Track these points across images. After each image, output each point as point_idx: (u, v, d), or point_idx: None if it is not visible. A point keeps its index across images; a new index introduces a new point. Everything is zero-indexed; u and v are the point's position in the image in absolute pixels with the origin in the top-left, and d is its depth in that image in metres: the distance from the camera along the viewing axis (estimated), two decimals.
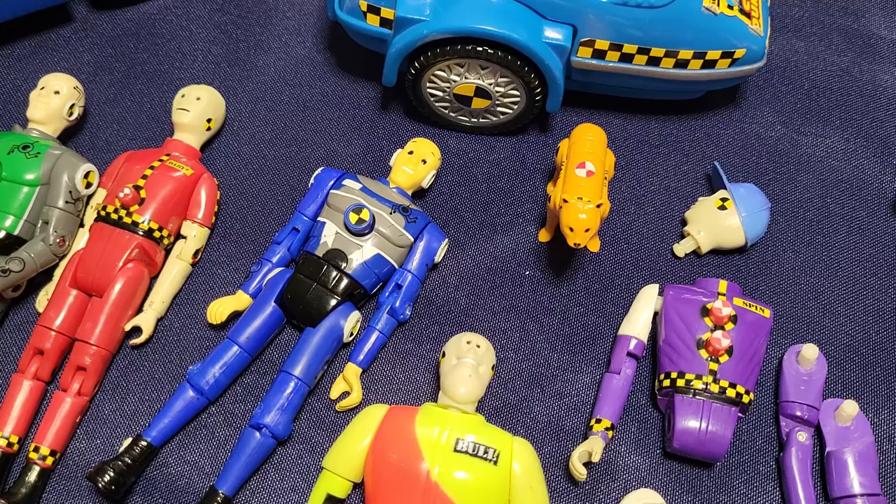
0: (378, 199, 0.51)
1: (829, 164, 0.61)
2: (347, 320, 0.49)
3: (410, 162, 0.53)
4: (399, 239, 0.51)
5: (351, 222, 0.49)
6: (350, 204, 0.50)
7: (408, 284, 0.51)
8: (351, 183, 0.52)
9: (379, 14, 0.55)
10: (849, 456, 0.48)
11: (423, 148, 0.54)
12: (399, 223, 0.51)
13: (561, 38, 0.54)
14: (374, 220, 0.50)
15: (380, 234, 0.50)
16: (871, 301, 0.56)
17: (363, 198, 0.51)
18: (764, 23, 0.57)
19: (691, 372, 0.48)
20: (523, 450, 0.45)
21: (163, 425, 0.47)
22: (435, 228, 0.52)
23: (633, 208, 0.58)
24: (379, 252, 0.50)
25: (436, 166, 0.54)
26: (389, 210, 0.51)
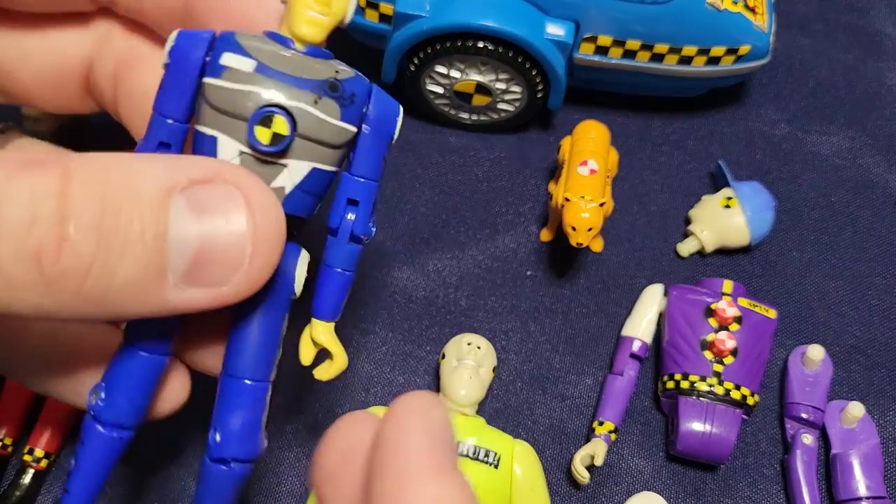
0: (290, 83, 0.29)
1: (834, 163, 0.61)
2: (298, 266, 0.33)
3: (322, 1, 0.30)
4: (339, 136, 0.31)
5: (262, 143, 0.29)
6: (251, 109, 0.29)
7: (365, 195, 0.33)
8: (236, 61, 0.29)
9: (378, 9, 0.55)
10: (854, 458, 0.48)
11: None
12: (332, 112, 0.30)
13: (563, 34, 0.54)
14: (294, 125, 0.29)
15: (309, 140, 0.30)
16: (877, 301, 0.55)
17: (265, 86, 0.29)
18: (769, 19, 0.57)
19: (695, 373, 0.48)
20: (525, 453, 0.45)
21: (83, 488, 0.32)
22: (381, 97, 0.32)
23: (636, 207, 0.58)
24: (315, 166, 0.31)
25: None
26: (313, 97, 0.30)
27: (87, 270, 0.23)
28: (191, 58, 0.30)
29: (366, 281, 0.54)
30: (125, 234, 0.24)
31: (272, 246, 0.27)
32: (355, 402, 0.50)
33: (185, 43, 0.30)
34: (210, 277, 0.26)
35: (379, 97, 0.32)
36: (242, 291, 0.27)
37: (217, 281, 0.26)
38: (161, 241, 0.24)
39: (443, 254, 0.55)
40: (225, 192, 0.26)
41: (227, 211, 0.26)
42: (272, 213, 0.27)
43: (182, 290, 0.25)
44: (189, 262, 0.25)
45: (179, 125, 0.30)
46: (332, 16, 0.30)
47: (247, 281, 0.26)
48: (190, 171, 0.26)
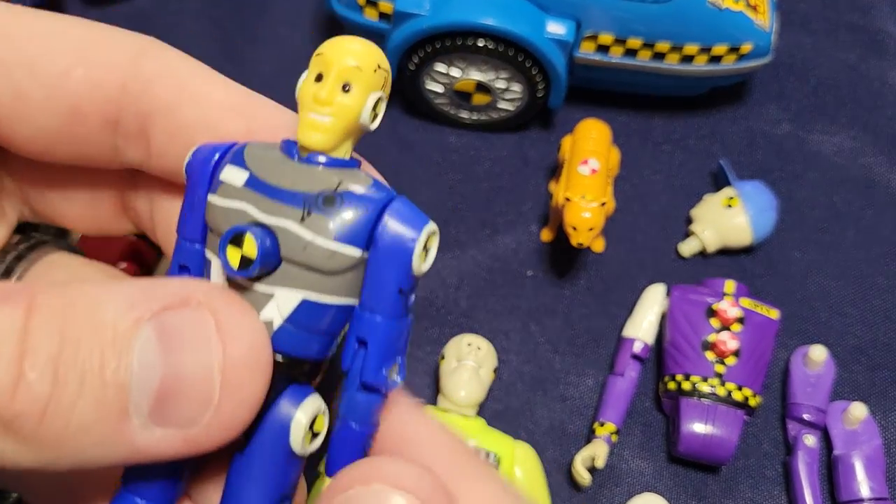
0: (277, 197, 0.25)
1: (836, 162, 0.61)
2: (296, 414, 0.25)
3: (321, 100, 0.25)
4: (334, 261, 0.25)
5: (231, 266, 0.24)
6: (226, 228, 0.25)
7: (375, 335, 0.26)
8: (231, 174, 0.26)
9: (377, 7, 0.55)
10: (857, 459, 0.47)
11: (341, 56, 0.25)
12: (323, 231, 0.24)
13: (564, 33, 0.53)
14: (272, 245, 0.25)
15: (296, 264, 0.25)
16: (879, 302, 0.55)
17: (248, 202, 0.25)
18: (771, 18, 0.57)
19: (697, 374, 0.48)
20: (526, 454, 0.44)
21: None
22: (398, 213, 0.25)
23: (637, 207, 0.58)
24: (306, 296, 0.25)
25: (377, 85, 0.25)
26: (301, 212, 0.25)
27: (43, 412, 0.21)
28: (202, 173, 0.27)
29: None
30: (83, 370, 0.21)
31: (249, 380, 0.23)
32: None
33: (199, 157, 0.27)
34: (178, 416, 0.22)
35: (396, 213, 0.25)
36: (216, 434, 0.23)
37: (186, 420, 0.22)
38: (122, 375, 0.21)
39: (442, 254, 0.55)
40: (194, 317, 0.23)
41: (194, 338, 0.22)
42: (249, 341, 0.23)
43: (150, 430, 0.22)
44: (153, 399, 0.22)
45: (197, 247, 0.27)
46: (337, 117, 0.24)
47: (219, 421, 0.22)
48: (163, 296, 0.23)
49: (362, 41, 0.25)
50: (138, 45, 0.27)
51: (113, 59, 0.27)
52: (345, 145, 0.25)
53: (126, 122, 0.27)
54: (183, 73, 0.27)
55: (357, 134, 0.25)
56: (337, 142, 0.25)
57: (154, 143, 0.27)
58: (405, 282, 0.25)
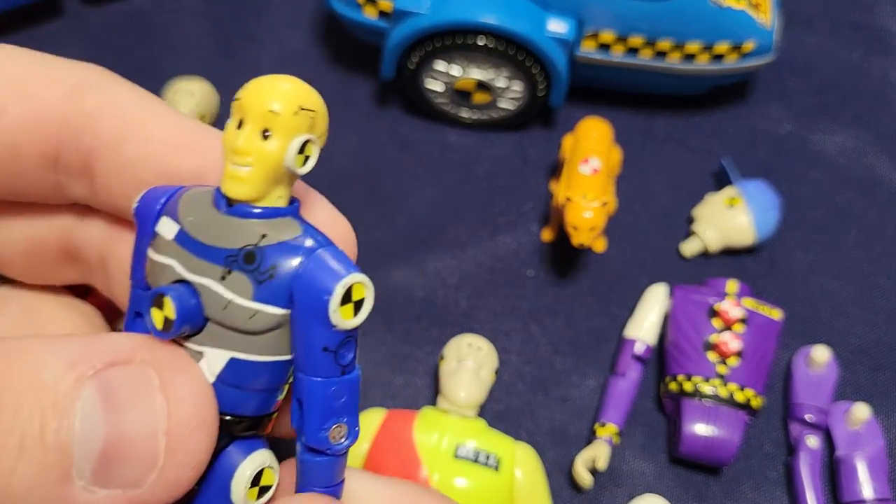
0: (201, 255, 0.24)
1: (839, 162, 0.61)
2: (237, 473, 0.25)
3: (238, 150, 0.23)
4: (255, 321, 0.23)
5: (156, 327, 0.23)
6: (156, 284, 0.25)
7: (307, 397, 0.24)
8: (165, 227, 0.25)
9: (377, 6, 0.54)
10: (859, 460, 0.47)
11: (258, 101, 0.22)
12: (242, 290, 0.23)
13: (565, 31, 0.53)
14: (194, 306, 0.24)
15: (218, 323, 0.24)
16: (882, 302, 0.55)
17: (176, 258, 0.24)
18: (773, 16, 0.57)
19: (699, 375, 0.48)
20: (526, 455, 0.44)
21: None
22: (312, 266, 0.23)
23: (638, 206, 0.58)
24: (234, 356, 0.24)
25: (301, 127, 0.23)
26: (221, 271, 0.24)
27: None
28: (147, 220, 0.25)
29: None
30: (23, 432, 0.20)
31: (194, 440, 0.22)
32: None
33: (145, 202, 0.25)
34: (121, 478, 0.21)
35: (313, 266, 0.23)
36: (162, 494, 0.22)
37: (130, 482, 0.22)
38: (64, 437, 0.21)
39: (442, 253, 0.55)
40: (138, 375, 0.22)
41: (138, 397, 0.22)
42: (194, 400, 0.22)
43: (93, 493, 0.21)
44: (96, 461, 0.21)
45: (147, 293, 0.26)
46: (257, 166, 0.23)
47: (164, 481, 0.22)
48: (106, 352, 0.22)
49: (286, 81, 0.23)
50: (79, 77, 0.26)
51: (51, 93, 0.25)
52: (275, 192, 0.23)
53: (67, 159, 0.26)
54: (128, 106, 0.26)
55: (289, 179, 0.24)
56: (261, 191, 0.23)
57: (99, 181, 0.26)
58: (329, 339, 0.23)
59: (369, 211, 0.56)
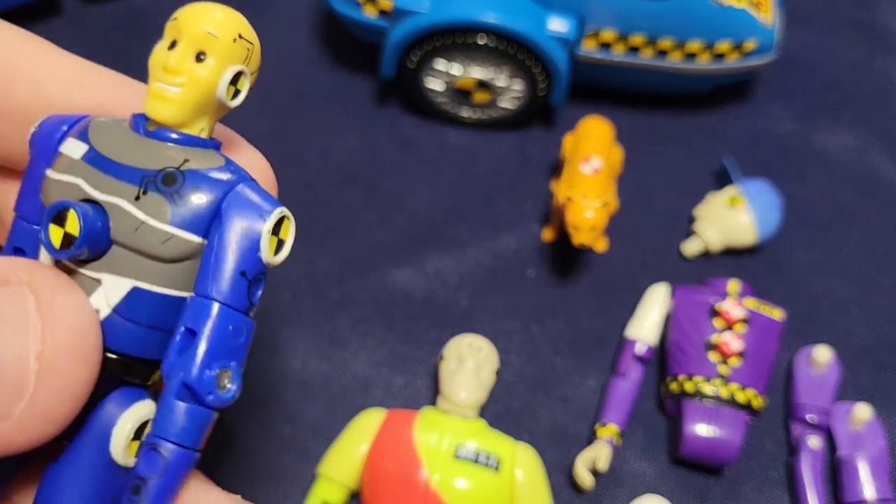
0: (114, 173, 0.22)
1: (840, 161, 0.61)
2: (118, 423, 0.22)
3: (169, 68, 0.22)
4: (169, 247, 0.22)
5: (52, 245, 0.21)
6: (51, 201, 0.23)
7: (208, 323, 0.22)
8: (70, 147, 0.23)
9: (376, 4, 0.54)
10: (861, 461, 0.47)
11: (196, 22, 0.22)
12: (158, 213, 0.22)
13: (565, 30, 0.53)
14: (101, 225, 0.22)
15: (127, 248, 0.22)
16: (884, 302, 0.55)
17: (82, 176, 0.22)
18: (774, 14, 0.57)
19: (700, 375, 0.47)
20: (527, 456, 0.44)
21: None
22: (252, 190, 0.22)
23: (639, 206, 0.57)
24: (137, 284, 0.22)
25: (237, 57, 0.22)
26: (136, 190, 0.22)
27: None
28: (45, 146, 0.23)
29: (364, 281, 0.53)
30: None
31: (70, 369, 0.20)
32: (353, 404, 0.49)
33: (44, 129, 0.23)
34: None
35: (243, 194, 0.22)
36: (31, 429, 0.20)
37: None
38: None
39: (443, 253, 0.55)
40: (11, 296, 0.20)
41: (8, 318, 0.19)
42: (73, 324, 0.20)
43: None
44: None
45: (35, 227, 0.23)
46: (187, 88, 0.21)
47: (34, 414, 0.19)
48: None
49: (226, 9, 0.22)
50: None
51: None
52: (200, 122, 0.22)
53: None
54: (16, 48, 0.24)
55: (215, 111, 0.22)
56: (187, 115, 0.22)
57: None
58: (250, 266, 0.21)
59: (369, 210, 0.56)
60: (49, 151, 0.23)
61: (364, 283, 0.53)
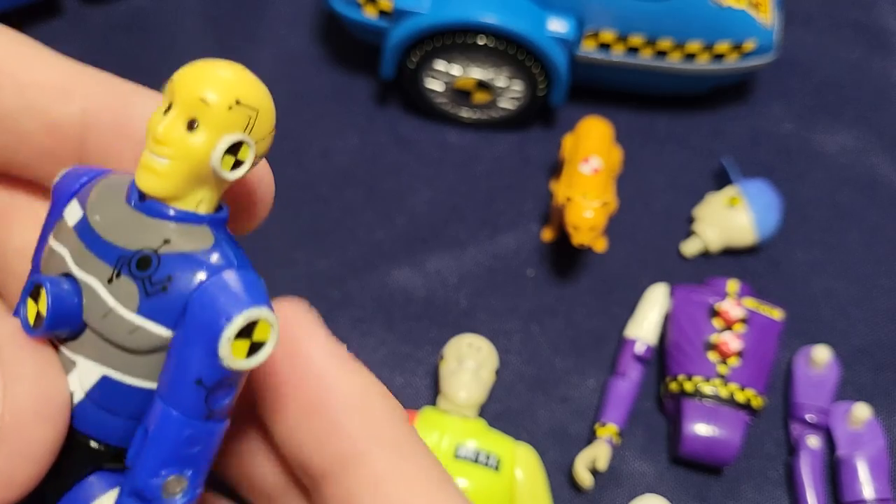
0: (95, 250, 0.20)
1: (840, 161, 0.61)
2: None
3: (157, 138, 0.19)
4: (132, 338, 0.20)
5: (27, 322, 0.20)
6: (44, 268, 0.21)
7: (160, 431, 0.20)
8: (71, 211, 0.21)
9: (377, 5, 0.54)
10: (860, 460, 0.47)
11: (190, 86, 0.19)
12: (127, 299, 0.19)
13: (565, 31, 0.53)
14: (72, 306, 0.20)
15: (96, 332, 0.20)
16: (884, 302, 0.55)
17: (69, 248, 0.21)
18: (774, 15, 0.57)
19: (700, 375, 0.47)
20: (526, 456, 0.44)
21: None
22: (230, 282, 0.19)
23: (639, 206, 0.57)
24: (106, 373, 0.20)
25: (235, 125, 0.20)
26: (111, 272, 0.20)
27: None
28: (60, 200, 0.22)
29: (364, 281, 0.53)
30: None
31: (34, 429, 0.18)
32: None
33: (65, 182, 0.22)
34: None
35: (216, 286, 0.19)
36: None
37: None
38: None
39: (442, 253, 0.55)
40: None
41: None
42: (37, 383, 0.19)
43: None
44: None
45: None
46: (176, 160, 0.19)
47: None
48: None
49: (229, 68, 0.20)
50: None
51: None
52: (196, 194, 0.20)
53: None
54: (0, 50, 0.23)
55: (214, 183, 0.20)
56: (177, 189, 0.20)
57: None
58: (207, 373, 0.19)
59: (369, 210, 0.56)
60: (60, 208, 0.21)
61: (364, 283, 0.53)
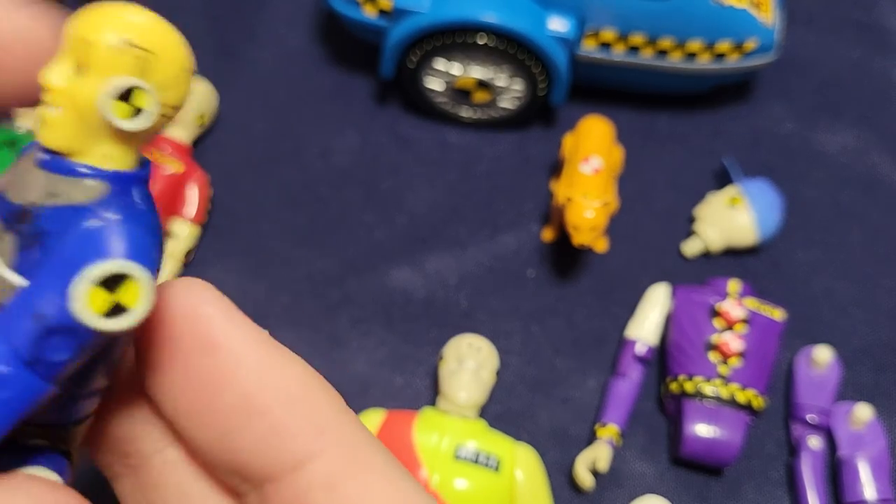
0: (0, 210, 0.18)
1: (841, 161, 0.61)
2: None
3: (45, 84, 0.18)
4: (5, 296, 0.17)
5: None
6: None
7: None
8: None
9: (376, 4, 0.54)
10: (861, 461, 0.47)
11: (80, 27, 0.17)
12: (7, 254, 0.18)
13: (565, 30, 0.53)
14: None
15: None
16: (885, 302, 0.55)
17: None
18: (775, 14, 0.57)
19: (700, 375, 0.48)
20: (527, 456, 0.44)
21: None
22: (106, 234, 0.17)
23: (640, 205, 0.57)
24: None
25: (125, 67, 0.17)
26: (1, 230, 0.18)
27: None
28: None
29: (364, 281, 0.53)
30: None
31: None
32: (353, 403, 0.48)
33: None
34: None
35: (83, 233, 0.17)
36: None
37: None
38: None
39: (442, 253, 0.55)
40: None
41: None
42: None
43: None
44: None
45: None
46: (65, 108, 0.18)
47: None
48: None
49: (123, 7, 0.18)
50: None
51: None
52: (101, 148, 0.18)
53: None
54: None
55: (119, 135, 0.18)
56: (74, 140, 0.18)
57: None
58: (50, 311, 0.16)
59: (369, 210, 0.56)
60: None
61: (364, 283, 0.53)
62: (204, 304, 0.19)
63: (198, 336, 0.18)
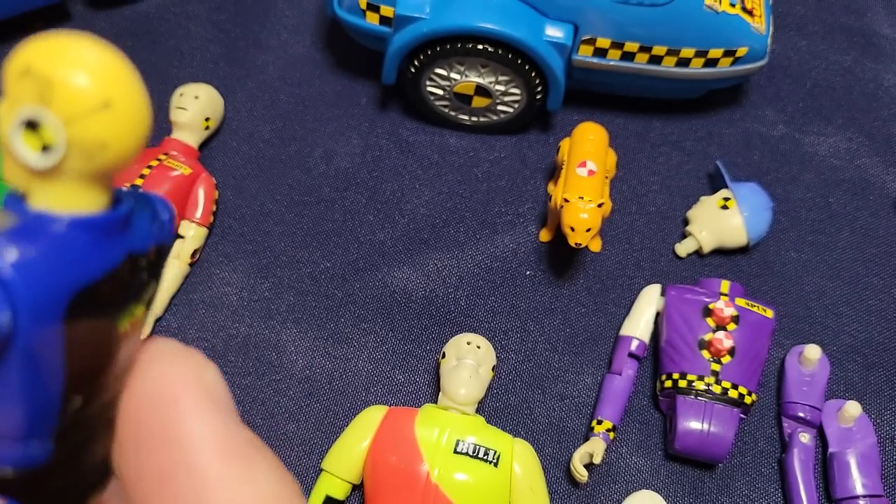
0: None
1: (831, 164, 0.61)
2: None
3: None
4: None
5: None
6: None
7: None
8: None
9: (378, 12, 0.55)
10: (851, 457, 0.48)
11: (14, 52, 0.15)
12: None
13: (562, 37, 0.54)
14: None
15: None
16: (874, 301, 0.55)
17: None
18: (766, 21, 0.57)
19: (693, 373, 0.48)
20: (524, 451, 0.45)
21: None
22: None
23: (634, 207, 0.58)
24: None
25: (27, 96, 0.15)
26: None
27: None
28: None
29: (366, 281, 0.54)
30: None
31: None
32: (356, 401, 0.50)
33: None
34: None
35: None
36: None
37: None
38: None
39: (442, 254, 0.55)
40: None
41: None
42: None
43: None
44: None
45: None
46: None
47: None
48: None
49: (48, 35, 0.15)
50: None
51: None
52: (44, 188, 0.16)
53: None
54: None
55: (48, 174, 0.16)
56: (8, 176, 0.16)
57: None
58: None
59: (371, 212, 0.57)
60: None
61: (366, 283, 0.54)
62: (181, 388, 0.18)
63: (164, 423, 0.18)
